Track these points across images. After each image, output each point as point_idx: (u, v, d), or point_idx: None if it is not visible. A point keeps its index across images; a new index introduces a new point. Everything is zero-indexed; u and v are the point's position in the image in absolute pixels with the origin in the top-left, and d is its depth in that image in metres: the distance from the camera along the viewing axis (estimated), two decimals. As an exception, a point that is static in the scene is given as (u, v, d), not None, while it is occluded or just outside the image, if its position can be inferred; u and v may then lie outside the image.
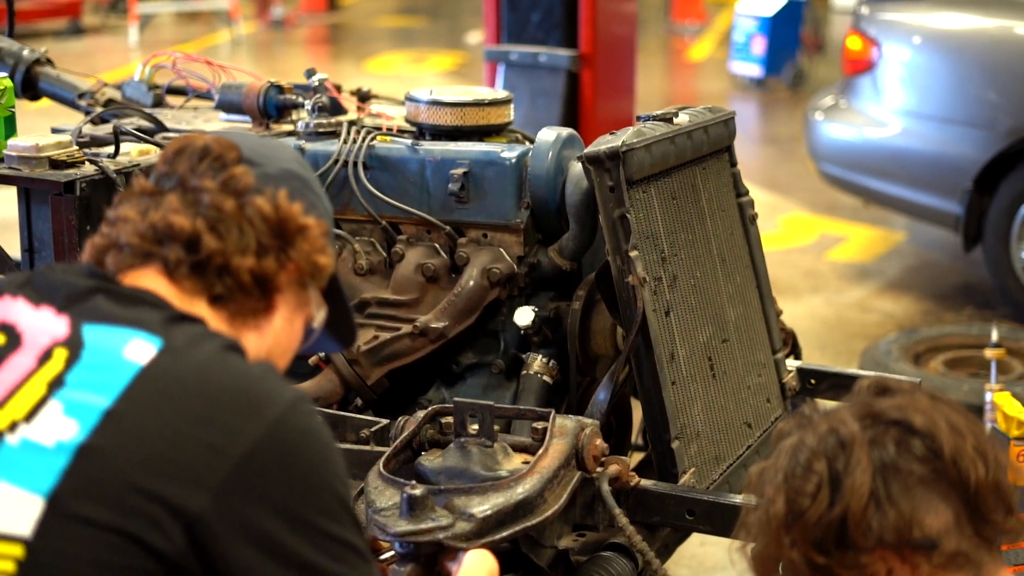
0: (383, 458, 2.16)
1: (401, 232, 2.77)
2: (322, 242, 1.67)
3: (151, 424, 1.42)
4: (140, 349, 1.46)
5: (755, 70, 11.65)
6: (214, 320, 1.58)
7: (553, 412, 2.20)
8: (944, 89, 5.78)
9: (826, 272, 6.50)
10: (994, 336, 4.17)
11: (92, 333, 1.48)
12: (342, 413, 2.54)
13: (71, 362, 1.45)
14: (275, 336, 1.66)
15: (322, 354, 2.67)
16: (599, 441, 2.19)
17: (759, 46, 11.61)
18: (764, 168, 8.39)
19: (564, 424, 2.19)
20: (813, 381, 2.95)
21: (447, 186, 2.67)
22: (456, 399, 2.14)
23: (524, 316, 2.59)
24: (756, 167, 8.12)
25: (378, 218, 2.75)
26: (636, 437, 2.93)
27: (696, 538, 3.87)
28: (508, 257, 2.65)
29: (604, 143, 2.38)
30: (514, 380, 2.68)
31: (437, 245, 2.72)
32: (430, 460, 2.18)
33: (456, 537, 1.97)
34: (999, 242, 5.59)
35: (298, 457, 1.46)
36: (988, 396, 3.90)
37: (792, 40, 11.83)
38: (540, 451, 2.12)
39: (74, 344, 1.47)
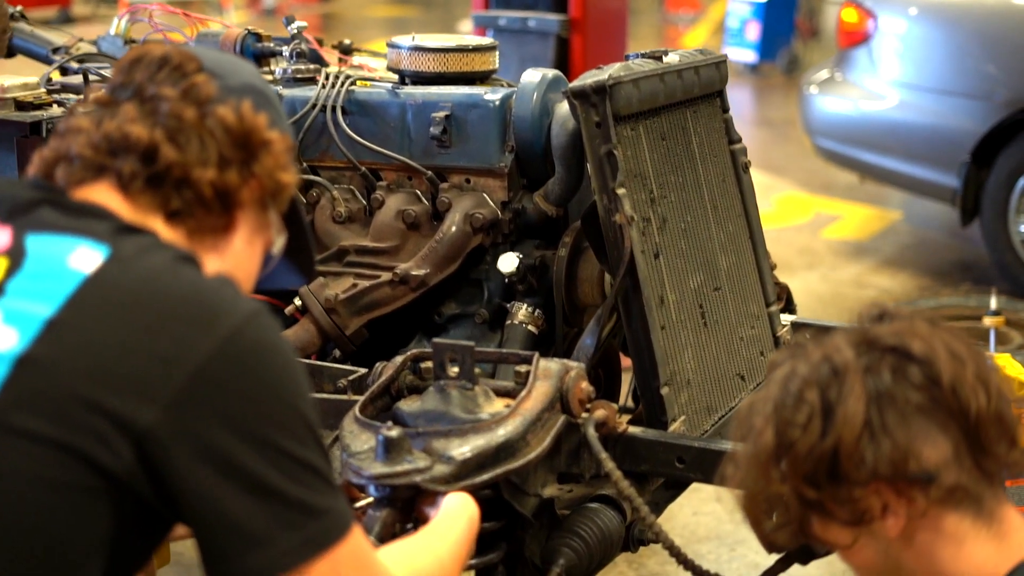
0: (359, 403, 2.07)
1: (381, 179, 2.68)
2: (286, 158, 1.59)
3: (97, 334, 1.33)
4: (86, 257, 1.37)
5: (749, 56, 11.58)
6: (171, 238, 1.49)
7: (537, 354, 2.10)
8: (941, 60, 5.70)
9: (821, 250, 6.41)
10: (993, 303, 4.09)
11: (35, 242, 1.39)
12: (319, 363, 2.45)
13: (12, 271, 1.37)
14: (235, 258, 1.57)
15: (298, 303, 2.59)
16: (585, 384, 2.09)
17: (753, 32, 11.56)
18: (758, 149, 8.30)
19: (548, 367, 2.09)
20: (808, 336, 2.85)
21: (429, 130, 2.58)
22: (435, 340, 2.04)
23: (508, 262, 2.50)
24: (751, 148, 7.95)
25: (357, 164, 2.66)
26: (625, 399, 2.84)
27: (688, 507, 3.79)
28: (491, 203, 2.56)
29: (590, 77, 2.28)
30: (498, 331, 2.58)
31: (418, 191, 2.63)
32: (408, 404, 2.08)
33: (434, 480, 1.87)
34: (997, 216, 5.51)
35: (256, 371, 1.36)
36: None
37: (787, 26, 11.77)
38: (523, 393, 2.03)
39: (16, 253, 1.38)
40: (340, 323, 2.57)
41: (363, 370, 2.35)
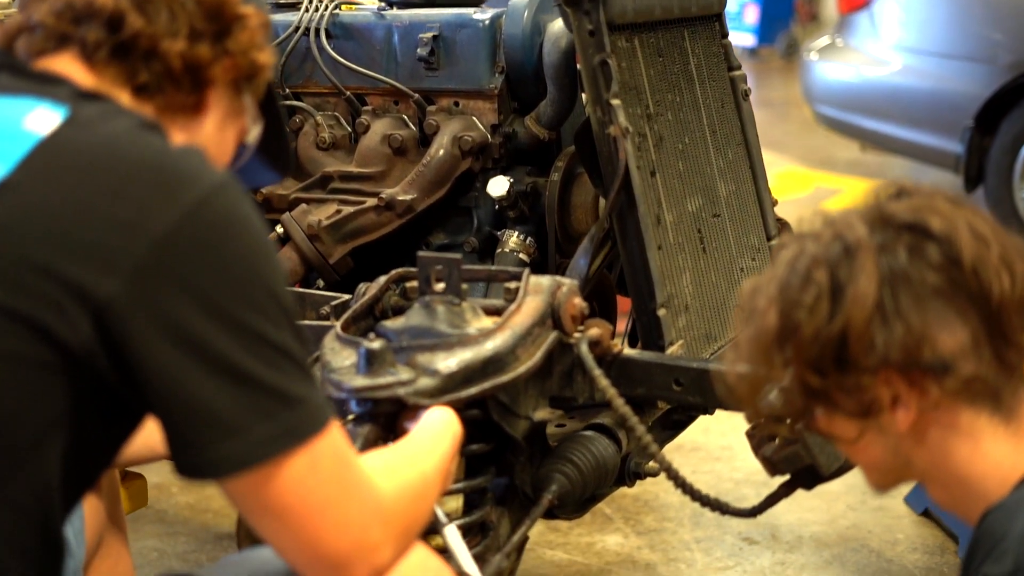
0: (341, 321, 1.97)
1: (367, 104, 2.59)
2: (261, 36, 1.48)
3: (52, 197, 1.22)
4: (43, 119, 1.27)
5: (748, 39, 11.50)
6: None
7: (527, 270, 2.00)
8: (944, 23, 5.60)
9: (822, 222, 6.32)
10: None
11: None
12: (300, 290, 2.36)
13: None
14: (206, 141, 1.47)
15: (280, 230, 2.49)
16: (578, 300, 1.99)
17: (752, 15, 11.47)
18: (758, 128, 8.20)
19: (539, 282, 1.99)
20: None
21: (416, 52, 2.49)
22: (420, 253, 1.94)
23: (499, 186, 2.40)
24: (750, 126, 7.95)
25: (342, 89, 2.57)
26: (622, 343, 2.74)
27: (688, 466, 3.69)
28: (481, 126, 2.47)
29: (584, -17, 2.18)
30: (488, 260, 2.50)
31: (405, 116, 2.54)
32: (392, 322, 1.99)
33: (418, 393, 1.77)
34: (1001, 182, 5.40)
35: (226, 243, 1.25)
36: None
37: (786, 9, 11.69)
38: (511, 307, 1.93)
39: None
40: (324, 251, 2.48)
41: (346, 296, 2.26)
